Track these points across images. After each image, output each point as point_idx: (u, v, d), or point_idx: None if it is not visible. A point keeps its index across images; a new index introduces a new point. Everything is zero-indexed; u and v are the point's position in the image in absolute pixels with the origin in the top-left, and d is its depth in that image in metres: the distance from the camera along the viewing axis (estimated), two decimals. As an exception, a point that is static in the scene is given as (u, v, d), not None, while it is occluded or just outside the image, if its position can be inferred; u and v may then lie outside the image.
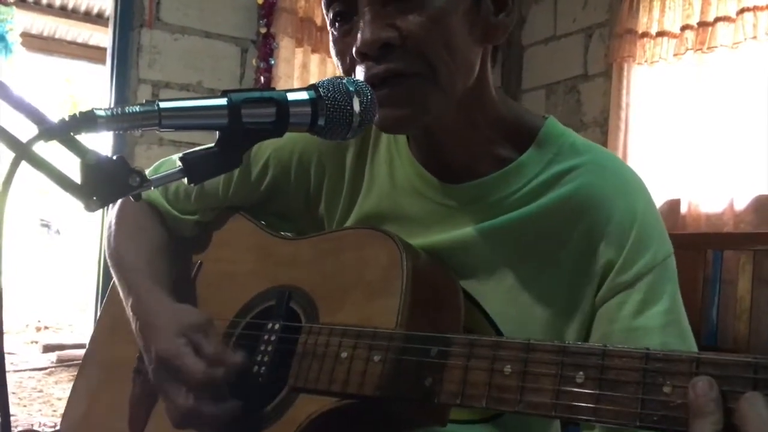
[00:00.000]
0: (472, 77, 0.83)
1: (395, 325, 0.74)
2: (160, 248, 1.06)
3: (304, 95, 0.66)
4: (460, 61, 0.79)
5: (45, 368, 5.25)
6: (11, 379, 4.92)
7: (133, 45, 3.31)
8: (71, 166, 0.59)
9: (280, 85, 3.44)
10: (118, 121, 0.57)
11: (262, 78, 3.45)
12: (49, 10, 5.73)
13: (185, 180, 0.62)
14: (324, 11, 0.83)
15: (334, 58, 0.83)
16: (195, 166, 0.62)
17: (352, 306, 0.80)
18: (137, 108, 0.58)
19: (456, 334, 0.77)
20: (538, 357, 0.63)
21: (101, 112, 0.56)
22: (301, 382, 0.78)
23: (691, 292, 2.89)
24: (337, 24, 0.82)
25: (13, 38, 3.81)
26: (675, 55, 3.31)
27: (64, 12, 5.76)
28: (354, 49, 0.77)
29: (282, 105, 0.64)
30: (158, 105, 0.59)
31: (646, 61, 3.45)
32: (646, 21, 3.44)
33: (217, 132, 0.63)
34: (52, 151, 0.59)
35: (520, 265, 0.85)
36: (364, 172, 0.96)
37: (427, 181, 0.90)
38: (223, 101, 0.62)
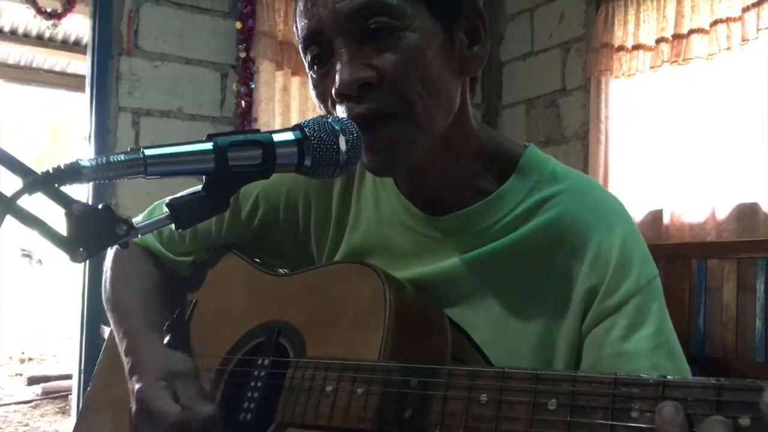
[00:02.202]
0: (452, 111, 0.83)
1: (378, 357, 0.74)
2: (155, 291, 1.07)
3: (289, 136, 0.65)
4: (439, 96, 0.80)
5: (30, 401, 5.17)
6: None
7: (112, 73, 3.30)
8: (56, 215, 0.59)
9: (262, 108, 3.44)
10: (103, 170, 0.57)
11: (242, 102, 3.45)
12: (26, 39, 5.70)
13: (173, 226, 0.61)
14: (302, 55, 0.84)
15: (315, 101, 0.84)
16: (182, 212, 0.61)
17: (338, 339, 0.81)
18: (122, 156, 0.57)
19: (443, 364, 0.78)
20: (512, 385, 0.63)
21: (86, 163, 0.56)
22: (289, 417, 0.78)
23: (678, 302, 2.91)
24: (315, 67, 0.82)
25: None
26: (651, 67, 3.35)
27: (40, 41, 5.72)
28: (333, 90, 0.78)
29: (268, 147, 0.63)
30: (143, 152, 0.58)
31: (623, 74, 3.49)
32: (622, 35, 3.48)
33: (204, 176, 0.63)
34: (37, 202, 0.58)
35: (506, 294, 0.85)
36: (351, 207, 0.97)
37: (412, 214, 0.91)
38: (208, 146, 0.62)
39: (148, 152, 0.59)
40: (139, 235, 0.59)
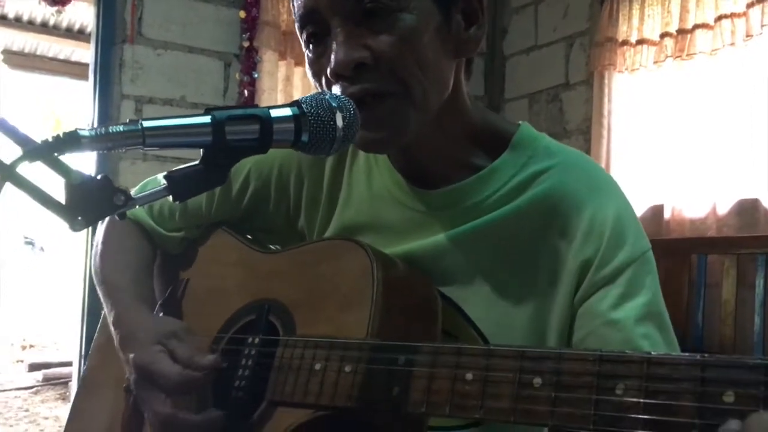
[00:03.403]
0: (446, 91, 0.84)
1: (366, 335, 0.74)
2: (145, 266, 1.07)
3: (287, 111, 0.66)
4: (433, 77, 0.80)
5: (31, 387, 5.19)
6: (-3, 399, 4.87)
7: (115, 61, 3.31)
8: (56, 187, 0.59)
9: (264, 98, 3.44)
10: (101, 140, 0.57)
11: (245, 92, 3.46)
12: (30, 26, 5.70)
13: (170, 198, 0.62)
14: (298, 33, 0.84)
15: (311, 79, 0.84)
16: (179, 184, 0.62)
17: (326, 317, 0.81)
18: (121, 127, 0.58)
19: (433, 340, 0.79)
20: (498, 363, 0.63)
21: (85, 132, 0.57)
22: (279, 396, 0.78)
23: (677, 297, 2.92)
24: (311, 46, 0.82)
25: (-6, 56, 3.81)
26: (655, 62, 3.34)
27: (45, 28, 5.72)
28: (328, 70, 0.78)
29: (265, 122, 0.64)
30: (141, 124, 0.59)
31: (626, 69, 3.48)
32: (626, 29, 3.48)
33: (201, 150, 0.63)
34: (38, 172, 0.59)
35: (499, 268, 0.85)
36: (342, 182, 0.97)
37: (404, 189, 0.91)
38: (206, 119, 0.62)
39: (147, 124, 0.59)
40: (137, 206, 0.60)
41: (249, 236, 1.05)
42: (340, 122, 0.67)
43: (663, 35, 3.30)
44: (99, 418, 1.06)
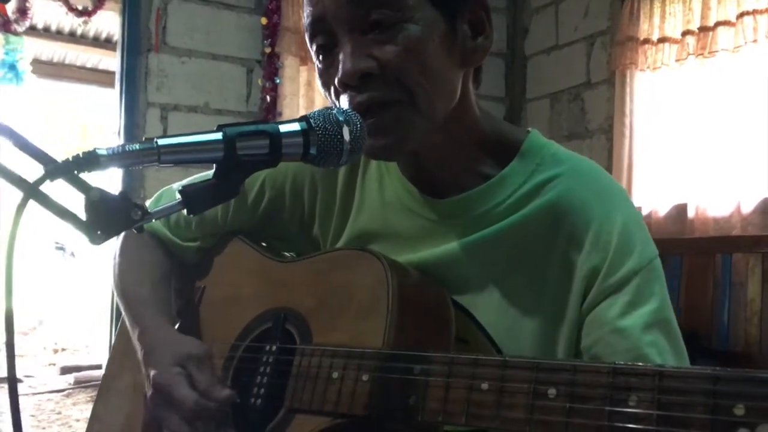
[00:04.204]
0: (453, 100, 0.85)
1: (382, 344, 0.76)
2: (163, 277, 1.09)
3: (295, 127, 0.68)
4: (440, 86, 0.82)
5: (63, 390, 5.29)
6: (30, 401, 4.97)
7: (140, 69, 3.37)
8: (77, 202, 0.63)
9: (286, 103, 3.48)
10: (119, 159, 0.60)
11: (267, 97, 3.50)
12: (59, 36, 5.82)
13: (184, 211, 0.65)
14: (308, 45, 0.86)
15: (321, 90, 0.86)
16: (194, 198, 0.64)
17: (342, 326, 0.82)
18: (137, 146, 0.61)
19: (446, 349, 0.80)
20: (513, 374, 0.64)
21: (103, 151, 0.60)
22: (297, 403, 0.80)
23: (701, 296, 2.90)
24: (320, 57, 0.84)
25: (24, 67, 3.89)
26: (677, 60, 3.33)
27: (73, 38, 5.83)
28: (336, 80, 0.80)
29: (275, 137, 0.66)
30: (157, 142, 0.62)
31: (648, 68, 3.47)
32: (647, 27, 3.46)
33: (214, 164, 0.66)
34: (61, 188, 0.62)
35: (509, 276, 0.86)
36: (355, 191, 0.99)
37: (415, 198, 0.92)
38: (218, 136, 0.65)
39: (161, 142, 0.62)
40: (153, 220, 0.62)
41: (264, 244, 1.07)
42: (347, 136, 0.69)
43: (685, 33, 3.28)
44: (116, 423, 1.08)
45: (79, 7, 3.53)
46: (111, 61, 5.51)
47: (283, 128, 0.68)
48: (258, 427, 0.84)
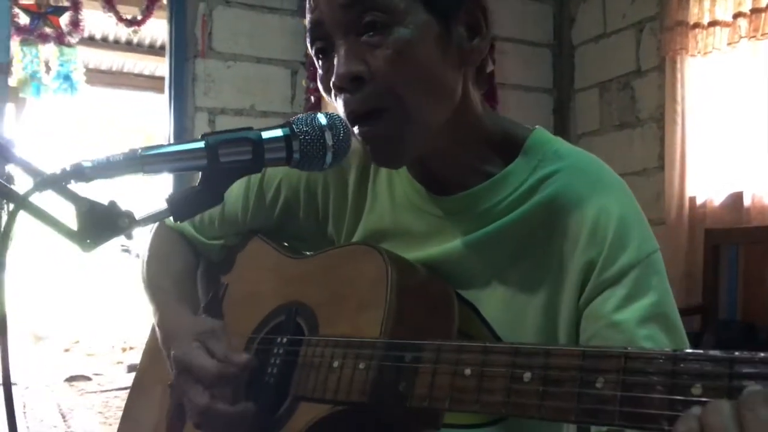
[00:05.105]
0: (451, 102, 0.85)
1: (380, 335, 0.78)
2: (186, 271, 1.14)
3: (278, 132, 0.70)
4: (434, 90, 0.82)
5: (129, 387, 5.48)
6: (98, 399, 5.17)
7: (188, 75, 3.46)
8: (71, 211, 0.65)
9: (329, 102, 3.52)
10: (103, 169, 0.63)
11: (312, 98, 3.55)
12: (116, 45, 6.03)
13: (172, 217, 0.67)
14: (309, 48, 0.88)
15: (323, 93, 0.88)
16: (179, 205, 0.67)
17: (346, 318, 0.86)
18: (120, 156, 0.64)
19: (449, 340, 0.81)
20: (493, 359, 0.66)
21: (88, 163, 0.62)
22: (302, 391, 0.84)
23: (758, 286, 2.81)
24: (319, 61, 0.86)
25: (78, 77, 4.06)
26: (729, 44, 3.22)
27: (129, 46, 6.04)
28: (331, 83, 0.82)
29: (257, 144, 0.68)
30: (139, 152, 0.64)
31: (699, 53, 3.37)
32: (697, 11, 3.36)
33: (200, 172, 0.68)
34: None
35: (510, 272, 0.88)
36: (367, 191, 1.01)
37: (423, 196, 0.94)
38: (201, 144, 0.67)
39: (144, 152, 0.64)
40: (139, 227, 0.65)
41: (285, 244, 1.11)
42: (329, 140, 0.71)
43: (736, 15, 3.17)
44: (148, 417, 1.13)
45: (129, 17, 3.65)
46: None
47: (266, 134, 0.69)
48: (267, 415, 0.87)
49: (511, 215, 0.87)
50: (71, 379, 5.87)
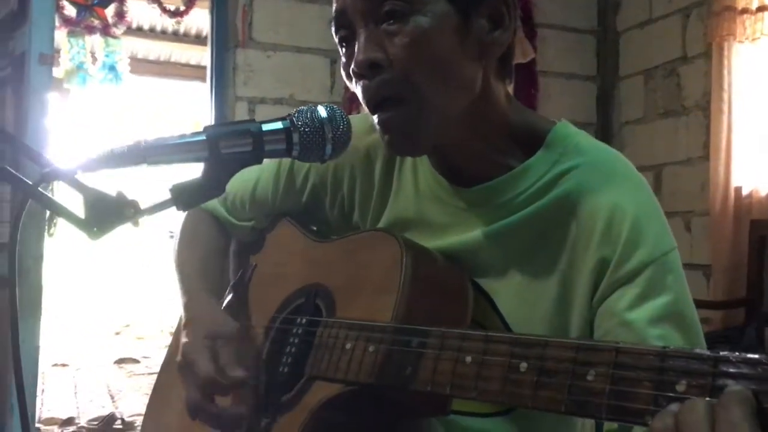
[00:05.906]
0: (470, 94, 0.85)
1: (391, 319, 0.80)
2: (214, 255, 1.18)
3: (278, 125, 0.72)
4: (450, 80, 0.83)
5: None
6: (146, 381, 5.33)
7: (229, 64, 3.51)
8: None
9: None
10: (108, 161, 0.66)
11: (350, 87, 3.56)
12: (163, 35, 6.15)
13: (175, 207, 0.70)
14: (335, 39, 0.90)
15: (345, 80, 0.90)
16: (181, 195, 0.69)
17: (362, 301, 0.88)
18: (124, 148, 0.66)
19: (461, 327, 0.83)
20: (494, 348, 0.68)
21: (93, 155, 0.65)
22: (316, 371, 0.87)
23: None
24: (343, 49, 0.88)
25: (122, 68, 4.16)
26: (778, 29, 3.11)
27: (176, 36, 6.15)
28: (351, 70, 0.84)
29: (257, 136, 0.70)
30: (143, 145, 0.67)
31: (747, 39, 3.26)
32: (746, -4, 3.26)
33: (202, 163, 0.70)
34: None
35: (526, 265, 0.88)
36: (393, 181, 1.02)
37: (445, 187, 0.95)
38: (202, 137, 0.69)
39: (147, 144, 0.67)
40: (144, 216, 0.68)
41: (313, 227, 1.14)
42: (329, 133, 0.72)
43: (786, -1, 3.07)
44: (172, 399, 1.16)
45: (172, 8, 3.72)
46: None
47: (266, 127, 0.71)
48: (284, 392, 0.91)
49: (528, 209, 0.88)
50: (120, 361, 6.05)
